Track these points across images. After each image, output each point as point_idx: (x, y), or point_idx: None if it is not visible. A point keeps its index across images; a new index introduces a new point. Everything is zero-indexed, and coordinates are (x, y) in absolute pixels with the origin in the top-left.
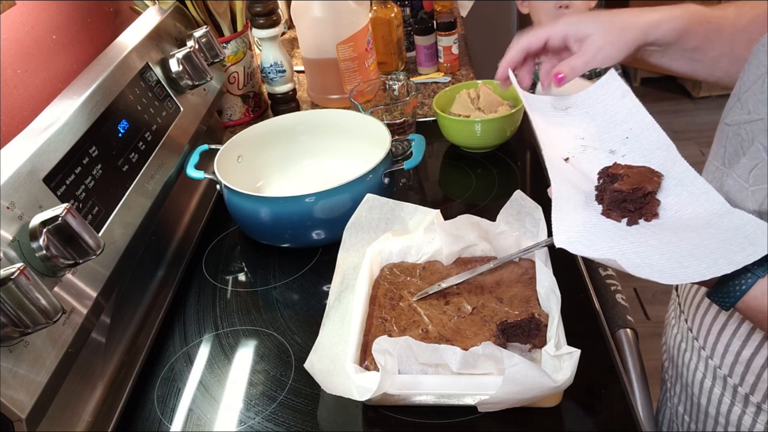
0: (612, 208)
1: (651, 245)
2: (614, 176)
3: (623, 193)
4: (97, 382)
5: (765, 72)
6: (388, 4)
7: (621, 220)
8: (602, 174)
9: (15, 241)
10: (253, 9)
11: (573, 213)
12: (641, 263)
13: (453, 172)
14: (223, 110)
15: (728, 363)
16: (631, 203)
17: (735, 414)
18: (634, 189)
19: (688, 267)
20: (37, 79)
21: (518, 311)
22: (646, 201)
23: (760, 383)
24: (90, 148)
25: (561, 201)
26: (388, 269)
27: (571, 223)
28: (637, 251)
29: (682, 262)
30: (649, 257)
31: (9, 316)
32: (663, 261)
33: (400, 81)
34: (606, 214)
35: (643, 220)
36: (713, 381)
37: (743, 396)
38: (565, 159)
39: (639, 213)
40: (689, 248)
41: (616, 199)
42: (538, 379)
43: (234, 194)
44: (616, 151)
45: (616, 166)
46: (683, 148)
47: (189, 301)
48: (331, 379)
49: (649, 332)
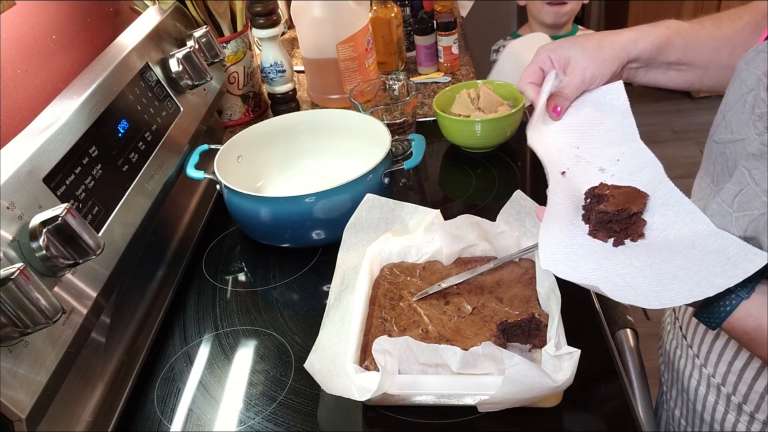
0: (598, 229)
1: (635, 267)
2: (600, 197)
3: (609, 214)
4: (97, 382)
5: (746, 92)
6: (388, 4)
7: (607, 241)
8: (589, 194)
9: (15, 241)
10: (253, 9)
11: (560, 234)
12: (625, 286)
13: (453, 172)
14: (223, 110)
15: (721, 372)
16: (617, 224)
17: (729, 422)
18: (620, 210)
19: (671, 290)
20: (37, 79)
21: (518, 311)
22: (631, 222)
23: (752, 393)
24: (90, 148)
25: (551, 218)
26: (388, 269)
27: (558, 245)
28: (621, 273)
29: (665, 284)
30: (633, 279)
31: (9, 316)
32: (646, 284)
33: (400, 81)
34: (592, 234)
35: (629, 240)
36: (707, 389)
37: (737, 405)
38: (562, 172)
39: (625, 233)
40: (673, 270)
41: (602, 219)
42: (538, 379)
43: (234, 194)
44: (606, 170)
45: (602, 186)
46: (683, 148)
47: (189, 301)
48: (331, 379)
49: (649, 332)
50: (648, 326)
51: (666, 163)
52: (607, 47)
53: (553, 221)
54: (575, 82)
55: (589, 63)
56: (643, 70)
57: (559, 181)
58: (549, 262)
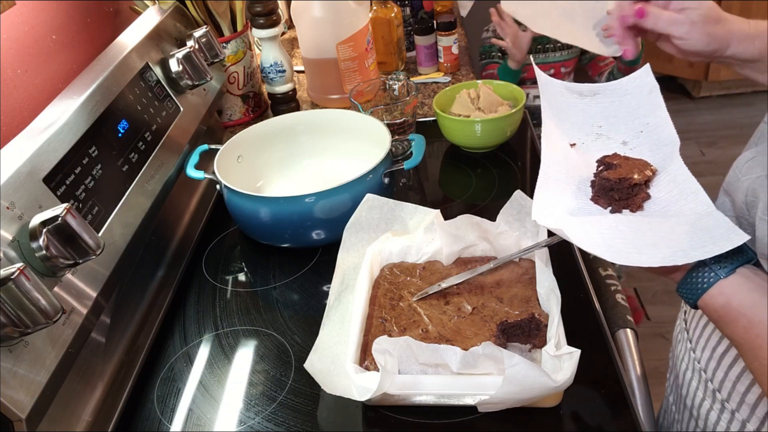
0: (600, 195)
1: (619, 230)
2: (609, 164)
3: (610, 181)
4: (97, 382)
5: None
6: (388, 4)
7: (606, 208)
8: (600, 161)
9: (15, 241)
10: (253, 9)
11: (558, 194)
12: (601, 243)
13: (453, 172)
14: (223, 110)
15: (719, 378)
16: (617, 192)
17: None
18: (621, 179)
19: (644, 254)
20: (37, 79)
21: (518, 311)
22: (633, 192)
23: (744, 405)
24: (90, 148)
25: (548, 181)
26: (388, 269)
27: (556, 204)
28: (602, 233)
29: (640, 249)
30: (611, 239)
31: (9, 316)
32: (622, 245)
33: (400, 81)
34: (594, 200)
35: (627, 210)
36: (711, 402)
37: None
38: (572, 144)
39: (624, 203)
40: (654, 239)
41: (604, 186)
42: (538, 379)
43: (234, 194)
44: (628, 143)
45: (615, 156)
46: (683, 148)
47: (189, 301)
48: (331, 379)
49: (649, 332)
50: (648, 326)
51: None
52: (720, 27)
53: (552, 183)
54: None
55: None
56: (738, 66)
57: (563, 150)
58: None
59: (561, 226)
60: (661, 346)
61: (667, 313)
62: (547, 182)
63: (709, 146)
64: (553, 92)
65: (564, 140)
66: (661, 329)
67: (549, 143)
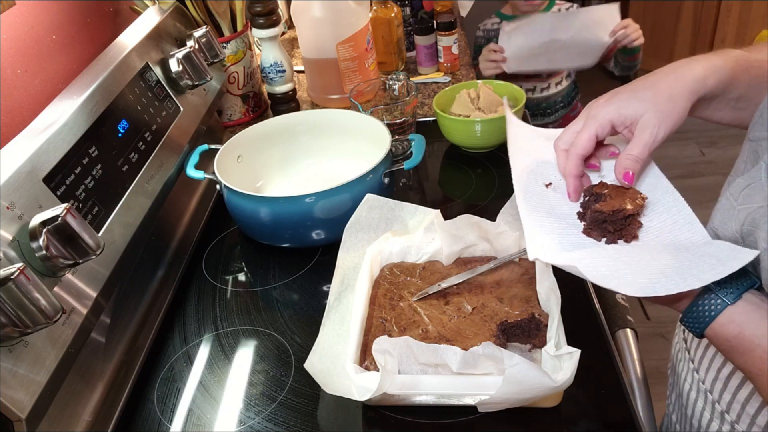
0: (593, 228)
1: (623, 261)
2: (598, 195)
3: (604, 214)
4: (97, 382)
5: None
6: (388, 4)
7: (601, 240)
8: (587, 192)
9: (15, 241)
10: (253, 9)
11: (547, 231)
12: (609, 275)
13: (453, 172)
14: (223, 110)
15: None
16: (611, 224)
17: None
18: (615, 211)
19: (657, 283)
20: (37, 79)
21: (518, 311)
22: (626, 223)
23: (744, 414)
24: (90, 148)
25: (532, 222)
26: (388, 269)
27: (548, 239)
28: (608, 264)
29: (651, 278)
30: (618, 271)
31: (9, 316)
32: (631, 276)
33: (400, 81)
34: (587, 232)
35: (622, 241)
36: (720, 423)
37: (730, 422)
38: (547, 184)
39: (619, 234)
40: (661, 268)
41: (597, 219)
42: (538, 379)
43: (234, 194)
44: (605, 176)
45: (602, 185)
46: (683, 148)
47: (189, 301)
48: (331, 379)
49: (649, 332)
50: (648, 326)
51: (666, 163)
52: (678, 96)
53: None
54: (645, 141)
55: (662, 121)
56: (702, 107)
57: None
58: (537, 251)
59: (571, 262)
60: (661, 346)
61: (667, 313)
62: (531, 223)
63: (709, 146)
64: (522, 138)
65: (538, 181)
66: (661, 329)
67: (520, 186)
